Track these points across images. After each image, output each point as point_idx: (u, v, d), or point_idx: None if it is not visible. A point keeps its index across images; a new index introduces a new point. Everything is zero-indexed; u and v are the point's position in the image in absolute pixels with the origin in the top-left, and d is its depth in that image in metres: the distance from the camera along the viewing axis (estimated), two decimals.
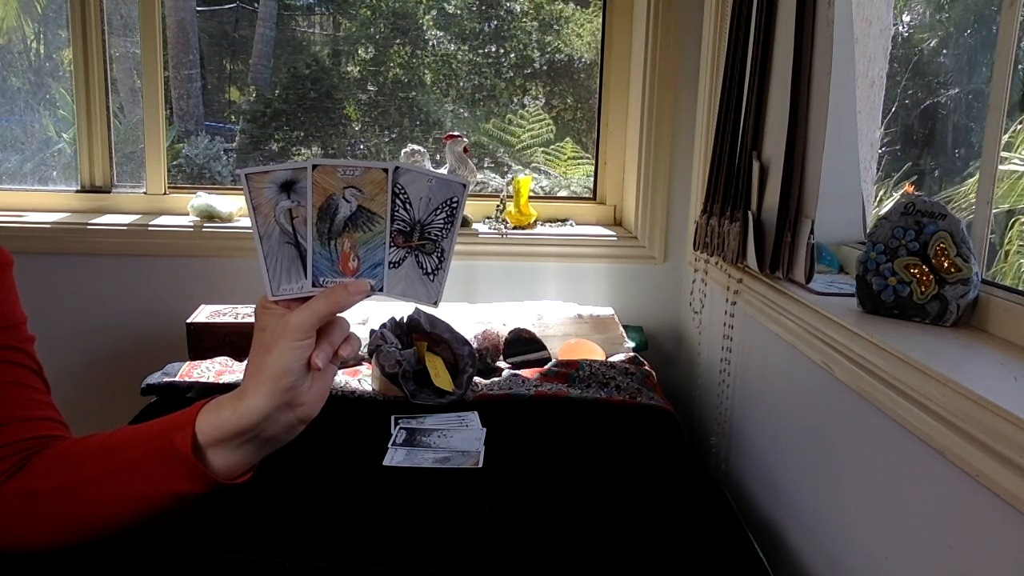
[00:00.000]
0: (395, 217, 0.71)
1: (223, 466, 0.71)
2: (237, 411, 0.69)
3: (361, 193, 0.70)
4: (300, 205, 0.69)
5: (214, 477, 0.69)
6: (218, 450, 0.70)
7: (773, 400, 1.49)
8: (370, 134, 2.50)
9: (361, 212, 0.70)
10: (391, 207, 0.70)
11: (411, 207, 0.71)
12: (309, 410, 0.71)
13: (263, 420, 0.69)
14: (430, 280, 0.72)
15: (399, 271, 0.71)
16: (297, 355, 0.67)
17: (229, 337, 1.81)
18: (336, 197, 0.69)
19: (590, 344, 1.86)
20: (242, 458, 0.71)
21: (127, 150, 2.36)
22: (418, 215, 0.71)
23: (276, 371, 0.67)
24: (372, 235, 0.71)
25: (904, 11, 1.97)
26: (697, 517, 1.18)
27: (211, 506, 1.04)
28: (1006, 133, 1.19)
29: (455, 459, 1.32)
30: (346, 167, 0.69)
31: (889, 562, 1.03)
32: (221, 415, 0.69)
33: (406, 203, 0.71)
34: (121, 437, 0.74)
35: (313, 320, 0.67)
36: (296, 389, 0.68)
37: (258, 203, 0.69)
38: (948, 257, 1.08)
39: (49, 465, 0.75)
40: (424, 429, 1.43)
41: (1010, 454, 0.76)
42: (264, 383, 0.68)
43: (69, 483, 0.73)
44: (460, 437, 1.40)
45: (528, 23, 2.44)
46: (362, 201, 0.70)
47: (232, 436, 0.69)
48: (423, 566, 0.98)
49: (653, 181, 2.14)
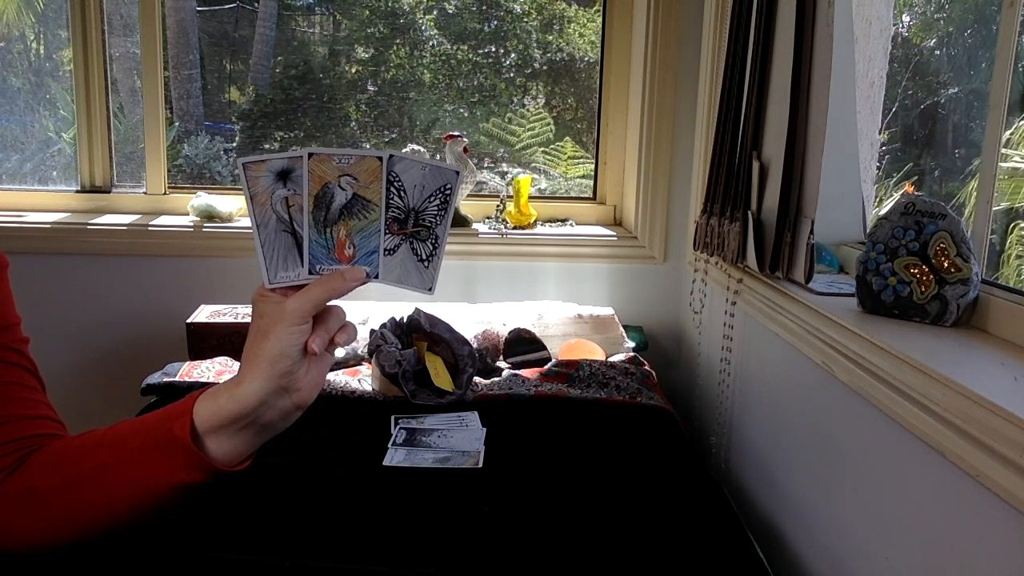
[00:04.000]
0: (390, 205, 0.71)
1: (221, 453, 0.71)
2: (234, 396, 0.69)
3: (356, 181, 0.70)
4: (296, 194, 0.70)
5: (213, 464, 0.70)
6: (216, 437, 0.71)
7: (773, 400, 1.49)
8: (370, 134, 2.50)
9: (356, 200, 0.71)
10: (386, 195, 0.71)
11: (405, 195, 0.72)
12: (306, 395, 0.71)
13: (260, 405, 0.69)
14: (424, 267, 0.73)
15: (394, 258, 0.72)
16: (293, 340, 0.68)
17: (229, 337, 1.81)
18: (332, 185, 0.70)
19: (590, 344, 1.86)
20: (239, 445, 0.72)
21: (127, 150, 2.36)
22: (412, 202, 0.72)
23: (273, 355, 0.68)
24: (367, 223, 0.71)
25: (904, 11, 1.97)
26: (697, 517, 1.18)
27: (211, 506, 1.04)
28: (1008, 131, 1.19)
29: (455, 459, 1.32)
30: (341, 155, 0.70)
31: (889, 562, 1.03)
32: (218, 402, 0.70)
33: (400, 191, 0.71)
34: (119, 430, 0.75)
35: (309, 306, 0.68)
36: (293, 374, 0.69)
37: (255, 192, 0.70)
38: (948, 257, 1.08)
39: (48, 462, 0.75)
40: (424, 429, 1.43)
41: (1010, 454, 0.76)
42: (261, 368, 0.69)
43: (68, 479, 0.73)
44: (460, 437, 1.40)
45: (529, 23, 2.44)
46: (357, 189, 0.70)
47: (230, 422, 0.70)
48: (423, 566, 0.98)
49: (653, 181, 2.14)
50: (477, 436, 1.40)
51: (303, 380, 0.70)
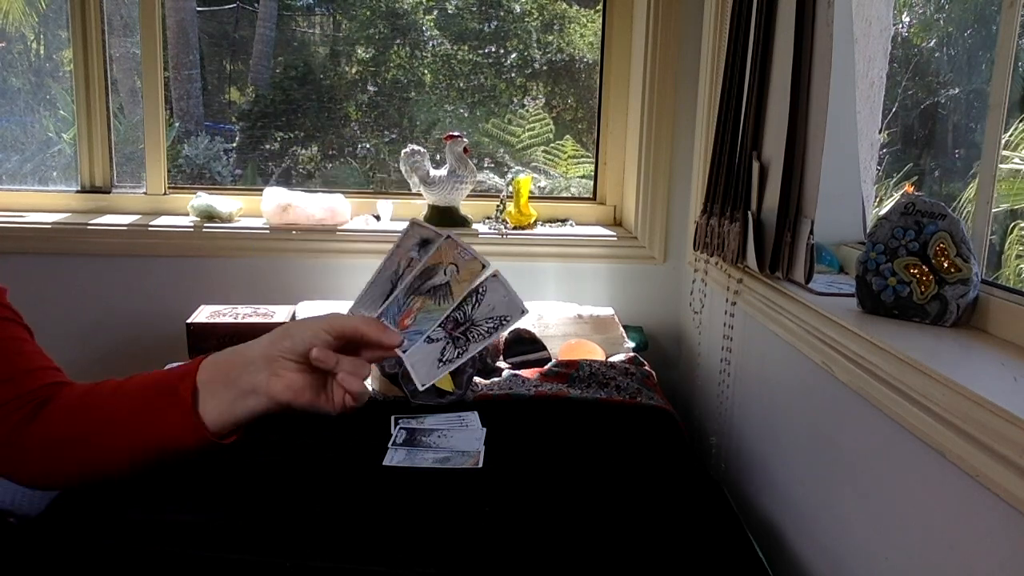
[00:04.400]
0: (461, 306, 0.80)
1: (207, 412, 0.76)
2: (235, 349, 0.77)
3: (457, 273, 0.80)
4: (419, 260, 0.80)
5: (204, 427, 0.75)
6: (206, 393, 0.77)
7: (773, 400, 1.49)
8: (370, 134, 2.50)
9: (445, 287, 0.81)
10: (464, 298, 0.80)
11: (477, 307, 0.80)
12: (279, 388, 0.75)
13: (249, 363, 0.76)
14: (439, 365, 0.80)
15: (427, 346, 0.80)
16: (312, 334, 0.73)
17: (229, 337, 1.81)
18: (441, 266, 0.80)
19: (590, 344, 1.86)
20: (220, 404, 0.76)
21: (127, 150, 2.36)
22: (476, 315, 0.80)
23: (286, 330, 0.75)
24: (437, 310, 0.80)
25: (904, 11, 1.97)
26: (697, 517, 1.18)
27: (211, 506, 1.04)
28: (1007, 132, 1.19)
29: (455, 459, 1.32)
30: (465, 248, 0.80)
31: (889, 562, 1.03)
32: (219, 354, 0.79)
33: (477, 302, 0.80)
34: (131, 385, 0.84)
35: (347, 326, 0.74)
36: (286, 360, 0.74)
37: (401, 244, 0.81)
38: (948, 257, 1.08)
39: (63, 412, 0.83)
40: (424, 429, 1.43)
41: (1010, 454, 0.76)
42: (271, 334, 0.76)
43: (81, 431, 0.81)
44: (460, 437, 1.40)
45: (529, 23, 2.44)
46: (452, 279, 0.80)
47: (223, 373, 0.77)
48: (423, 566, 0.98)
49: (653, 181, 2.14)
50: (477, 436, 1.40)
51: (288, 374, 0.74)
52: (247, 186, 2.45)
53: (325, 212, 2.16)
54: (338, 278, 2.14)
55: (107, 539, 1.00)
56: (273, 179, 2.50)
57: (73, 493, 1.11)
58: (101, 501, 1.08)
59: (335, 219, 2.17)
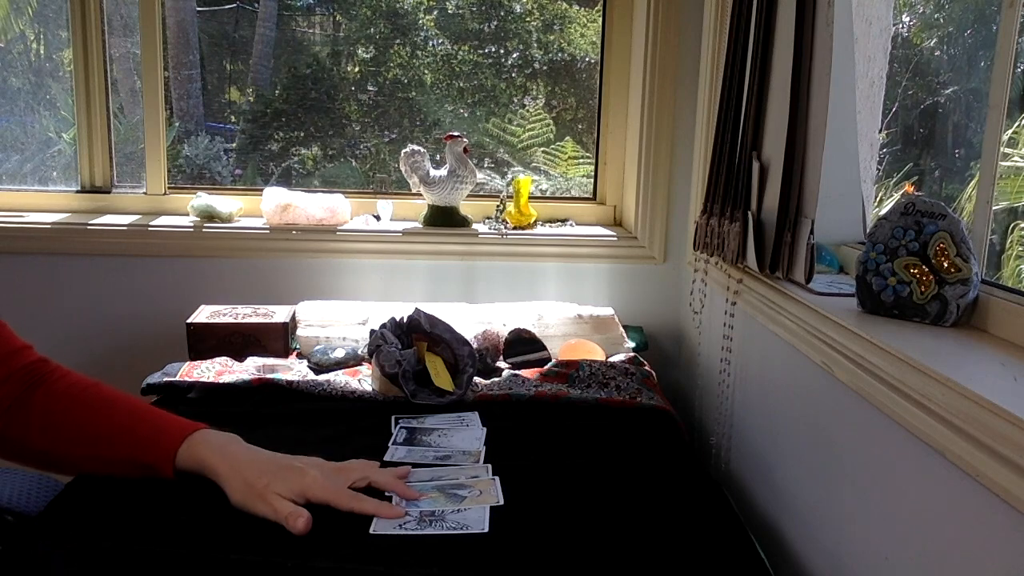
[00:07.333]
0: (453, 512, 1.09)
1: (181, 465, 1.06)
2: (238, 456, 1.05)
3: (479, 495, 1.13)
4: None
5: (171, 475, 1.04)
6: None
7: (773, 400, 1.49)
8: (370, 134, 2.50)
9: (463, 499, 1.11)
10: (459, 508, 1.10)
11: (457, 513, 1.09)
12: (240, 500, 1.03)
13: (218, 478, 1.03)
14: (398, 528, 1.05)
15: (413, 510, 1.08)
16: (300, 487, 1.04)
17: (229, 337, 1.81)
18: (472, 489, 1.15)
19: (590, 344, 1.86)
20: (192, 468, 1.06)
21: (127, 150, 2.36)
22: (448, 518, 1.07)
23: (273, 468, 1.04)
24: (440, 505, 1.09)
25: (904, 11, 1.97)
26: (697, 517, 1.18)
27: (211, 506, 1.04)
28: (1008, 131, 1.19)
29: (456, 457, 1.32)
30: (497, 488, 1.15)
31: (889, 562, 1.03)
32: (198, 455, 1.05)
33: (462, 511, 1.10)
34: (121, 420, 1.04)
35: (320, 499, 1.04)
36: (252, 488, 1.00)
37: None
38: (948, 257, 1.08)
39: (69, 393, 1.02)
40: (424, 428, 1.43)
41: (1010, 454, 0.76)
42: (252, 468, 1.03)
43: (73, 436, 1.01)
44: (460, 437, 1.40)
45: (530, 23, 2.44)
46: (472, 498, 1.12)
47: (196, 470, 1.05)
48: (423, 566, 0.98)
49: (653, 181, 2.14)
50: (477, 436, 1.40)
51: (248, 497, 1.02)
52: (247, 186, 2.45)
53: (325, 212, 2.16)
54: (338, 278, 2.15)
55: (107, 539, 1.00)
56: (273, 179, 2.50)
57: (73, 493, 1.11)
58: (101, 501, 1.08)
59: (335, 219, 2.17)
